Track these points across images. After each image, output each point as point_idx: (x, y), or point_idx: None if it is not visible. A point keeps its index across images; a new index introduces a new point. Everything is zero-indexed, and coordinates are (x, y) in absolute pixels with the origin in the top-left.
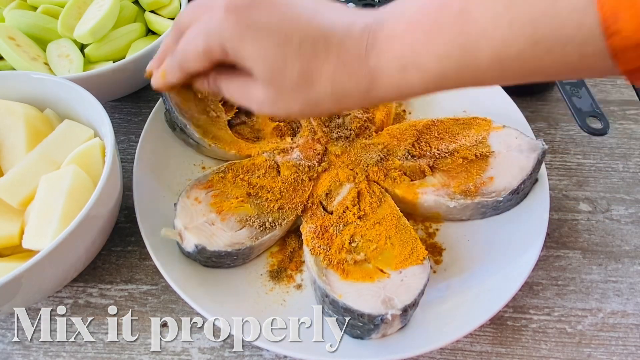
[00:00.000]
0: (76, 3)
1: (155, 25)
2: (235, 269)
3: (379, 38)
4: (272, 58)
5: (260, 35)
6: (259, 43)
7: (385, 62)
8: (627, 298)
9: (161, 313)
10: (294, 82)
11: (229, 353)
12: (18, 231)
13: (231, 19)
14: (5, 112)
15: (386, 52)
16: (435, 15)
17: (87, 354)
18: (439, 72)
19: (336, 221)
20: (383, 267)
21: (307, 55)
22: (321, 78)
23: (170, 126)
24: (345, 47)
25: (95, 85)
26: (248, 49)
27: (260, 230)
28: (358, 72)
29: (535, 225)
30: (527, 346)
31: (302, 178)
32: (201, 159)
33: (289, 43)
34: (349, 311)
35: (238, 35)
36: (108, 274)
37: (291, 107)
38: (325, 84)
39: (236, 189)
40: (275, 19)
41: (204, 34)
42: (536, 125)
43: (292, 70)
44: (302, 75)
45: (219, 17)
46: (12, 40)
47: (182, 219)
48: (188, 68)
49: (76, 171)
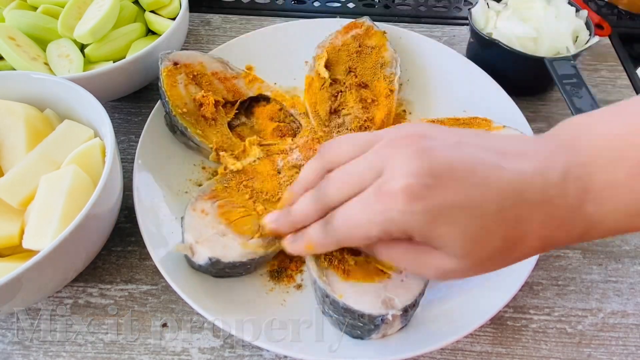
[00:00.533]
0: (76, 3)
1: (155, 25)
2: None
3: (593, 185)
4: (469, 235)
5: (453, 216)
6: (453, 224)
7: (607, 211)
8: (627, 298)
9: (161, 313)
10: (497, 250)
11: (229, 353)
12: (18, 231)
13: (418, 207)
14: (5, 112)
15: (608, 199)
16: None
17: (87, 354)
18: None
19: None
20: (383, 267)
21: (509, 219)
22: (527, 238)
23: (170, 129)
24: (550, 199)
25: (95, 85)
26: (440, 232)
27: (271, 238)
28: (571, 221)
29: None
30: (527, 346)
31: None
32: (201, 159)
33: (485, 214)
34: (349, 311)
35: (429, 223)
36: (108, 274)
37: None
38: (533, 242)
39: (241, 196)
40: (463, 192)
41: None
42: (536, 125)
43: (494, 240)
44: (507, 241)
45: (398, 204)
46: (12, 40)
47: (191, 232)
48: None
49: (76, 171)
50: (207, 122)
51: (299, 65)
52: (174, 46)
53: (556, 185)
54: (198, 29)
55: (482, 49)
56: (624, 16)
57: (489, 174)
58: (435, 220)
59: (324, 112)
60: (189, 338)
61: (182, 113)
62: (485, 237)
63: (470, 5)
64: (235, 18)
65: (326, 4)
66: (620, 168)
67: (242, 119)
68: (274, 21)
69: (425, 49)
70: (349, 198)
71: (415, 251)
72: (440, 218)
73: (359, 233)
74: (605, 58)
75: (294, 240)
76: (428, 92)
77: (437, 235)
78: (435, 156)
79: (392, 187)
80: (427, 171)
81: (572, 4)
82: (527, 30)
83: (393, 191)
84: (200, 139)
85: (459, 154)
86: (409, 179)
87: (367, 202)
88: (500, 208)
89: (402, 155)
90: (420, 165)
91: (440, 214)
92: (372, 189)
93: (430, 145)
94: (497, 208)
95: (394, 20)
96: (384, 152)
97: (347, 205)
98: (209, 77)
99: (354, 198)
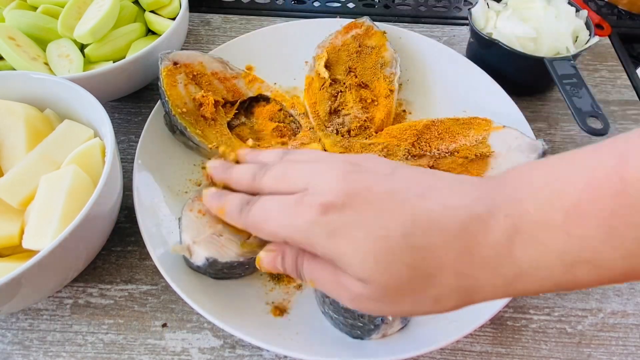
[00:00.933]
0: (76, 3)
1: (155, 25)
2: None
3: (524, 225)
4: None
5: (355, 234)
6: (354, 241)
7: (539, 255)
8: (627, 298)
9: (161, 313)
10: (404, 280)
11: (229, 353)
12: (18, 231)
13: (322, 220)
14: (5, 112)
15: (541, 244)
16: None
17: (87, 354)
18: (626, 271)
19: None
20: None
21: (417, 247)
22: (442, 272)
23: (169, 129)
24: (472, 233)
25: (95, 85)
26: (341, 248)
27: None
28: (495, 262)
29: None
30: (527, 346)
31: None
32: (201, 159)
33: (390, 236)
34: (349, 311)
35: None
36: (108, 274)
37: (402, 307)
38: (448, 278)
39: None
40: (372, 213)
41: (287, 226)
42: (536, 125)
43: (399, 267)
44: (415, 271)
45: (309, 215)
46: (12, 40)
47: (189, 233)
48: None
49: (76, 171)
50: (207, 122)
51: (299, 65)
52: (174, 46)
53: (480, 219)
54: (198, 29)
55: (482, 49)
56: (624, 16)
57: (407, 201)
58: (335, 234)
59: (324, 112)
60: (189, 338)
61: (181, 113)
62: (389, 261)
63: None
64: (235, 18)
65: (326, 4)
66: (557, 209)
67: (242, 119)
68: (274, 21)
69: (425, 49)
70: (277, 193)
71: (332, 272)
72: (340, 232)
73: (267, 228)
74: (605, 58)
75: (214, 195)
76: (428, 92)
77: (339, 251)
78: (358, 180)
79: (308, 200)
80: (343, 191)
81: (572, 4)
82: (527, 30)
83: (308, 204)
84: (199, 138)
85: (382, 183)
86: (325, 197)
87: (286, 206)
88: (408, 233)
89: (330, 175)
90: (340, 187)
91: (340, 228)
92: (295, 197)
93: (359, 171)
94: (404, 232)
95: (394, 20)
96: (319, 168)
97: (269, 199)
98: (208, 77)
99: (278, 196)
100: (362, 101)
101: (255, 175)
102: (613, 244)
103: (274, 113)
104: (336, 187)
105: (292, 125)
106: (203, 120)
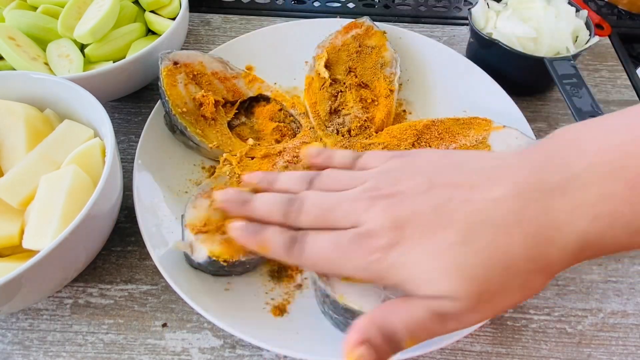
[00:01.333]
0: (76, 3)
1: (155, 25)
2: None
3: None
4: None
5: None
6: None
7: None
8: (627, 298)
9: (161, 313)
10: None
11: (229, 353)
12: (18, 231)
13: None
14: (5, 112)
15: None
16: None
17: (87, 354)
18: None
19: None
20: None
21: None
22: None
23: (170, 129)
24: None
25: (95, 85)
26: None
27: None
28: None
29: None
30: (527, 346)
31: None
32: (201, 159)
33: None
34: (349, 311)
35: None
36: (108, 274)
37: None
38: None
39: None
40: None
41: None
42: (536, 125)
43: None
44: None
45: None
46: (12, 40)
47: (191, 230)
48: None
49: (76, 171)
50: (207, 121)
51: (299, 65)
52: (174, 46)
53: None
54: (198, 29)
55: (482, 49)
56: (624, 16)
57: (455, 212)
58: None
59: (324, 112)
60: (189, 338)
61: (181, 112)
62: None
63: (470, 5)
64: (235, 18)
65: (326, 4)
66: (618, 179)
67: (242, 119)
68: (274, 21)
69: (425, 49)
70: (317, 228)
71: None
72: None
73: (326, 267)
74: (605, 58)
75: (249, 231)
76: (428, 92)
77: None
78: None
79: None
80: (394, 227)
81: (572, 4)
82: (527, 30)
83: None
84: (199, 138)
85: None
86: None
87: (341, 246)
88: (468, 238)
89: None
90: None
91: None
92: (347, 236)
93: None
94: (464, 239)
95: (394, 20)
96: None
97: (319, 237)
98: (209, 77)
99: (326, 232)
100: (362, 101)
101: (287, 211)
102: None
103: (274, 113)
104: (384, 223)
105: (293, 125)
106: (203, 120)
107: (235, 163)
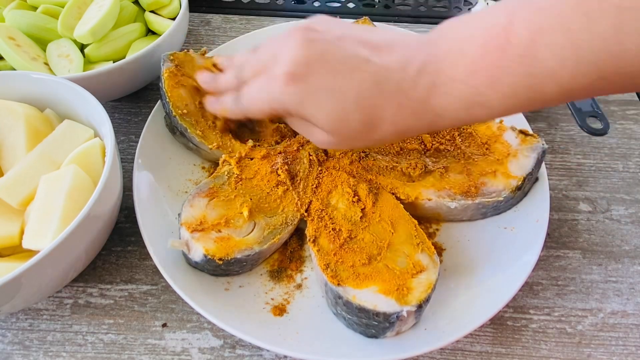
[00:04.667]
0: (76, 3)
1: (155, 25)
2: None
3: (439, 80)
4: (332, 115)
5: (319, 99)
6: (318, 105)
7: (448, 102)
8: (627, 298)
9: (161, 313)
10: (357, 131)
11: (229, 353)
12: (18, 231)
13: (291, 89)
14: (5, 112)
15: (449, 94)
16: (498, 58)
17: (87, 354)
18: (505, 109)
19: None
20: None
21: (366, 106)
22: (383, 123)
23: (170, 130)
24: (404, 90)
25: (95, 85)
26: (309, 111)
27: (267, 234)
28: (420, 111)
29: (535, 225)
30: (527, 346)
31: (303, 178)
32: (201, 159)
33: (345, 99)
34: (363, 311)
35: (299, 102)
36: (108, 274)
37: (355, 146)
38: (388, 127)
39: (239, 194)
40: (331, 79)
41: (268, 100)
42: (536, 125)
43: (353, 122)
44: (364, 124)
45: (279, 86)
46: (12, 40)
47: (187, 228)
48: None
49: (76, 171)
50: (207, 122)
51: None
52: (174, 46)
53: (410, 79)
54: (198, 29)
55: None
56: None
57: (356, 66)
58: (304, 101)
59: None
60: (189, 338)
61: (182, 114)
62: (345, 119)
63: (470, 5)
64: (235, 18)
65: (326, 4)
66: (460, 65)
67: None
68: (274, 21)
69: None
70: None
71: (306, 125)
72: (308, 98)
73: (256, 107)
74: None
75: (214, 102)
76: None
77: (308, 113)
78: (314, 47)
79: (276, 72)
80: (303, 59)
81: None
82: None
83: (277, 75)
84: (199, 139)
85: (335, 47)
86: (288, 66)
87: (262, 84)
88: (359, 97)
89: (288, 46)
90: (300, 54)
91: (308, 95)
92: (266, 73)
93: (313, 37)
94: (356, 96)
95: (394, 20)
96: (279, 42)
97: (250, 84)
98: None
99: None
100: None
101: (236, 74)
102: (495, 89)
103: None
104: (296, 55)
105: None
106: (204, 121)
107: (234, 164)
